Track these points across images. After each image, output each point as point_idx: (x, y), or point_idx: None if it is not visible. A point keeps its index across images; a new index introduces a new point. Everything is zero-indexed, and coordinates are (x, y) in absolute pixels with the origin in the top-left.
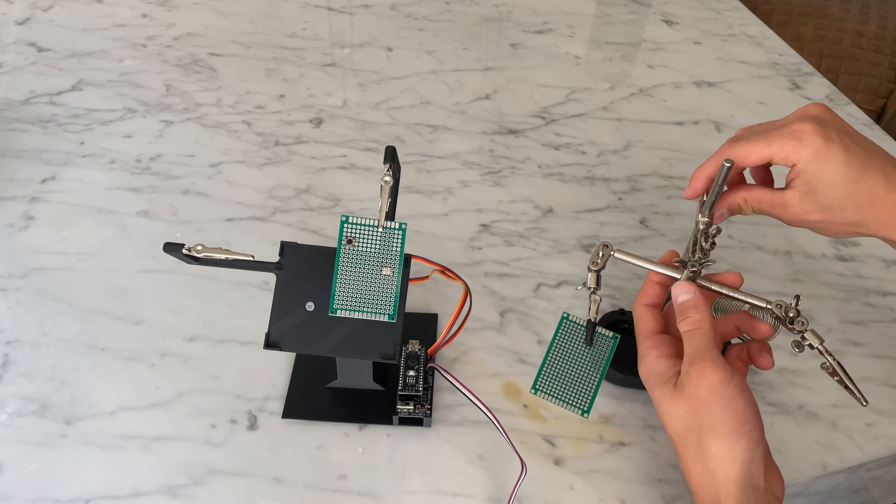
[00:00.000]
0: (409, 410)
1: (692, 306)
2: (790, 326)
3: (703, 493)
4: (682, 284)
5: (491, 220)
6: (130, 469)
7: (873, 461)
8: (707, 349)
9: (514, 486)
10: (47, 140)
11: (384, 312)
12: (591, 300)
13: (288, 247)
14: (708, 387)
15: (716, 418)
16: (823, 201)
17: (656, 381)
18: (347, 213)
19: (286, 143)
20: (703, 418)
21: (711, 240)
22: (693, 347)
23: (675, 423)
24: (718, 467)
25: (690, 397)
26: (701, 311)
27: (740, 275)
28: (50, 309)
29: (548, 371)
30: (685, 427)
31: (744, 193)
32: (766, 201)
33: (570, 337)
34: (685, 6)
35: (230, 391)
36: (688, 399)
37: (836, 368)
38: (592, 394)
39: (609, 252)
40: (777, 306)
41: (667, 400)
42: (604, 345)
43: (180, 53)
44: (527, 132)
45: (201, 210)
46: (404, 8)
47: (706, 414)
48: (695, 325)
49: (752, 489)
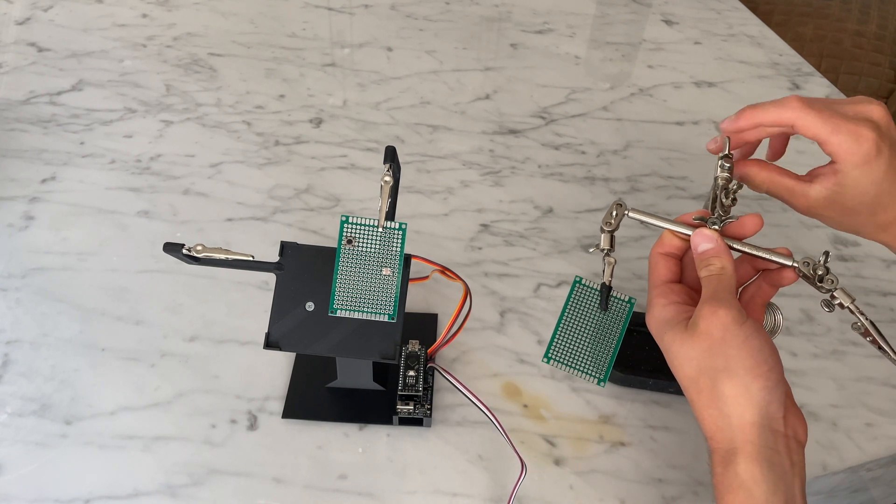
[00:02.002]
0: (409, 410)
1: (715, 254)
2: (819, 285)
3: (718, 437)
4: (704, 233)
5: (491, 220)
6: (130, 469)
7: (873, 461)
8: (724, 292)
9: (514, 486)
10: (47, 140)
11: (384, 312)
12: (606, 262)
13: (288, 247)
14: (721, 325)
15: (731, 358)
16: (847, 204)
17: (665, 327)
18: (347, 213)
19: (286, 143)
20: (717, 359)
21: (732, 195)
22: (710, 290)
23: (687, 366)
24: (734, 410)
25: (703, 337)
26: (723, 259)
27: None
28: (50, 309)
29: (561, 338)
30: (697, 369)
31: (765, 173)
32: (786, 187)
33: (583, 302)
34: (685, 6)
35: (230, 391)
36: (700, 339)
37: (868, 328)
38: (609, 361)
39: (623, 211)
40: (804, 264)
41: (677, 343)
42: (619, 309)
43: (180, 53)
44: (527, 132)
45: (201, 210)
46: (404, 8)
47: (720, 354)
48: (716, 271)
49: (771, 432)
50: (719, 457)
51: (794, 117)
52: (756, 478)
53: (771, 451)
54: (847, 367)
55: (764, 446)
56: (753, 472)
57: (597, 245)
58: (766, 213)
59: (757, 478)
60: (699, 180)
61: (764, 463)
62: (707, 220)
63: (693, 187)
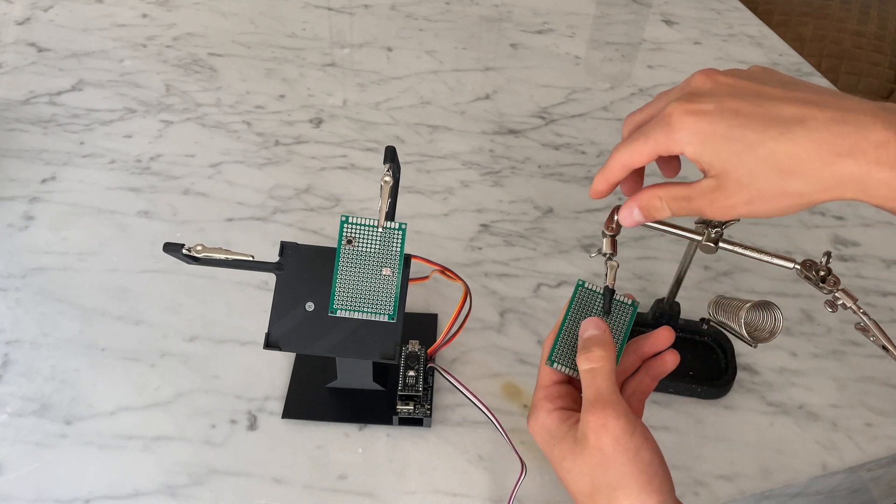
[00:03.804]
0: (409, 410)
1: (598, 343)
2: (822, 286)
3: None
4: (593, 320)
5: (491, 220)
6: (130, 469)
7: (873, 461)
8: (607, 393)
9: (514, 486)
10: (47, 140)
11: (384, 312)
12: (608, 266)
13: (288, 247)
14: (612, 439)
15: (624, 474)
16: (739, 178)
17: (551, 439)
18: (347, 213)
19: (286, 143)
20: (610, 475)
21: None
22: (593, 391)
23: (581, 482)
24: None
25: (594, 452)
26: (606, 349)
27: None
28: (50, 309)
29: (564, 341)
30: (591, 486)
31: (657, 191)
32: (681, 196)
33: (585, 305)
34: (685, 6)
35: (230, 391)
36: (591, 454)
37: (871, 328)
38: None
39: None
40: (807, 266)
41: (569, 458)
42: (622, 313)
43: (180, 53)
44: (527, 132)
45: (201, 210)
46: (404, 8)
47: (612, 470)
48: (596, 362)
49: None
50: None
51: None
52: None
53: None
54: (847, 367)
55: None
56: None
57: (598, 249)
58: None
59: None
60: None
61: None
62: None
63: None
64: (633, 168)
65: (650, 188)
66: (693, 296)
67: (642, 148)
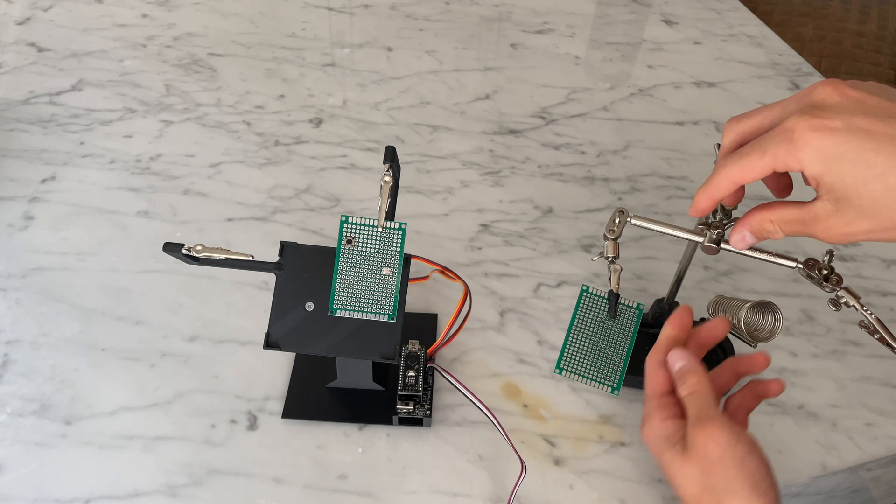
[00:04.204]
0: (408, 410)
1: (688, 371)
2: (825, 285)
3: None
4: (676, 352)
5: (491, 220)
6: (130, 469)
7: (873, 461)
8: (708, 409)
9: (514, 486)
10: (47, 140)
11: (384, 312)
12: (612, 270)
13: (288, 247)
14: (717, 448)
15: (731, 479)
16: (862, 205)
17: (663, 445)
18: (347, 213)
19: (286, 143)
20: (717, 479)
21: None
22: (695, 409)
23: (690, 486)
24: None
25: (701, 459)
26: (697, 374)
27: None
28: (50, 309)
29: (571, 348)
30: (701, 489)
31: (768, 214)
32: (795, 219)
33: (591, 311)
34: (685, 6)
35: (230, 391)
36: (699, 461)
37: (875, 326)
38: (621, 369)
39: (626, 218)
40: (809, 265)
41: (677, 463)
42: (628, 316)
43: (180, 53)
44: (527, 132)
45: (201, 210)
46: (404, 8)
47: (720, 475)
48: (693, 388)
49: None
50: None
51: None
52: None
53: None
54: (847, 367)
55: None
56: None
57: (601, 253)
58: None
59: None
60: (699, 180)
61: None
62: (710, 225)
63: (693, 187)
64: (742, 184)
65: (760, 210)
66: (693, 296)
67: (757, 163)
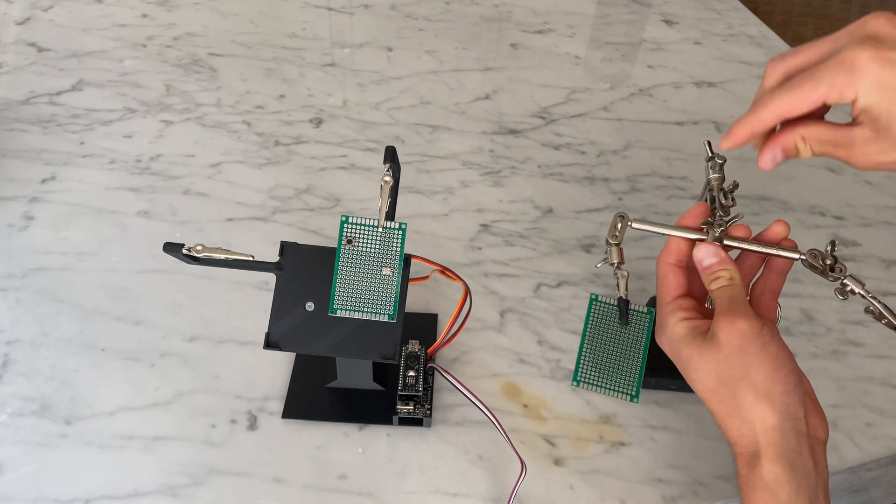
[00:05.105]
0: (409, 410)
1: (721, 266)
2: (830, 274)
3: (742, 443)
4: (705, 247)
5: (491, 220)
6: (130, 469)
7: (873, 461)
8: (739, 302)
9: (514, 486)
10: (47, 140)
11: (384, 312)
12: (618, 276)
13: (288, 247)
14: (739, 334)
15: (750, 365)
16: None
17: (681, 344)
18: (347, 213)
19: (286, 143)
20: (736, 368)
21: (731, 196)
22: (725, 303)
23: (707, 378)
24: (755, 416)
25: (722, 348)
26: (730, 270)
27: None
28: (50, 309)
29: (587, 360)
30: (717, 380)
31: (801, 130)
32: (829, 140)
33: (602, 319)
34: (685, 6)
35: (230, 391)
36: (719, 350)
37: (882, 311)
38: (638, 376)
39: (627, 222)
40: (812, 256)
41: (696, 356)
42: (640, 322)
43: (180, 53)
44: (527, 132)
45: (201, 210)
46: (404, 8)
47: (739, 362)
48: (726, 283)
49: (794, 433)
50: (744, 460)
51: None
52: (780, 479)
53: (793, 452)
54: (847, 367)
55: (786, 448)
56: (777, 474)
57: (605, 259)
58: (766, 213)
59: (780, 479)
60: (699, 180)
61: (787, 464)
62: (712, 224)
63: (693, 187)
64: (789, 117)
65: (791, 127)
66: None
67: (811, 94)
